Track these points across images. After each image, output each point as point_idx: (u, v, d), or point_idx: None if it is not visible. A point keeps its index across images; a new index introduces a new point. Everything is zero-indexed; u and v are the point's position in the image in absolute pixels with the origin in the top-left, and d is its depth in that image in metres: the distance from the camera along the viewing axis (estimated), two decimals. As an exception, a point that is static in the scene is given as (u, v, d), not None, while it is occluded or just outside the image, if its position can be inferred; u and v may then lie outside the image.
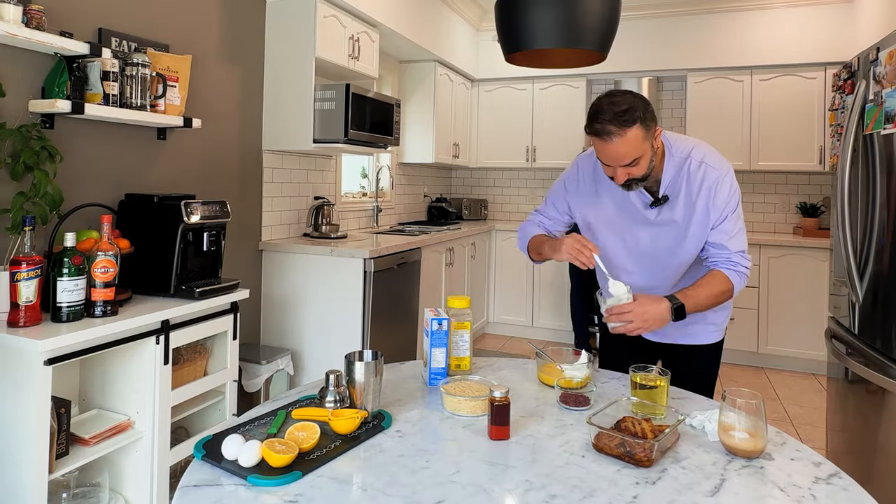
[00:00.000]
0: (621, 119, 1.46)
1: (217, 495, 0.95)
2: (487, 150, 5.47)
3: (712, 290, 1.59)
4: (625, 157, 1.50)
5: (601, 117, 1.48)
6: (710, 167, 1.62)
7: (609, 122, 1.47)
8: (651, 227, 1.68)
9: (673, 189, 1.63)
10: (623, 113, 1.46)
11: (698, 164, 1.62)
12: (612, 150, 1.50)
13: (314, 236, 3.44)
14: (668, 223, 1.66)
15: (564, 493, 0.98)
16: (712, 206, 1.61)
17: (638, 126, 1.47)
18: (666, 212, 1.65)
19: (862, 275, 2.17)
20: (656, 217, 1.66)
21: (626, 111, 1.46)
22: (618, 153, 1.50)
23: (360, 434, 1.17)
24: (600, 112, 1.49)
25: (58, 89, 1.99)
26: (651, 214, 1.66)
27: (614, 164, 1.53)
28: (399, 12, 3.92)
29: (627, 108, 1.47)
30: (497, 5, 2.01)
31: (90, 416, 1.99)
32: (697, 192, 1.61)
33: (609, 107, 1.48)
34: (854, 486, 1.03)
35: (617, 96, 1.50)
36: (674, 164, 1.62)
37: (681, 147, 1.64)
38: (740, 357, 4.51)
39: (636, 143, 1.48)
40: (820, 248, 4.24)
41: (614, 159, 1.51)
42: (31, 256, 1.71)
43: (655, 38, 4.88)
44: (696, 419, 1.26)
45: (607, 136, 1.48)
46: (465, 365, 1.56)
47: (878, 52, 2.08)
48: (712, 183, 1.60)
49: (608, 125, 1.47)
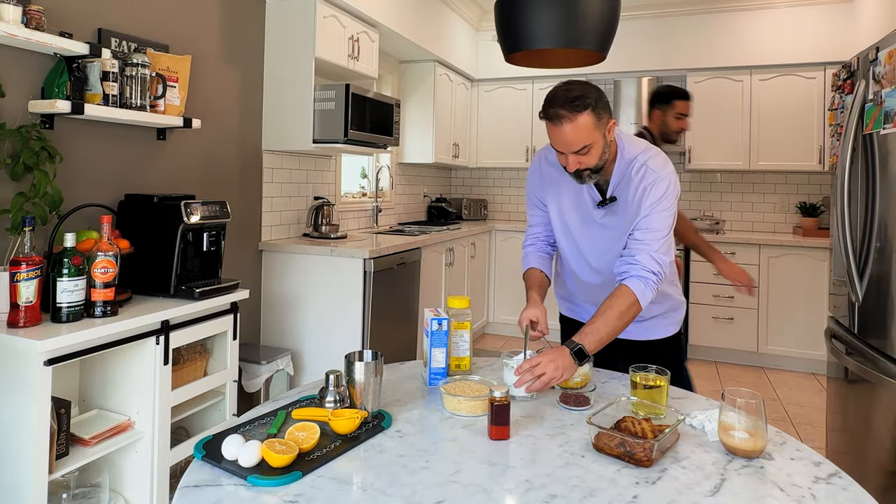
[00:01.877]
0: (573, 104, 1.49)
1: (217, 495, 0.95)
2: (487, 150, 5.47)
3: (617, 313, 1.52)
4: (574, 142, 1.52)
5: (554, 102, 1.52)
6: (650, 169, 1.62)
7: (560, 106, 1.50)
8: (595, 228, 1.72)
9: (619, 190, 1.66)
10: (574, 99, 1.50)
11: (640, 165, 1.63)
12: (562, 135, 1.52)
13: (314, 236, 3.44)
14: (609, 226, 1.69)
15: (564, 493, 0.98)
16: (645, 202, 1.60)
17: (588, 112, 1.50)
18: (610, 213, 1.68)
19: (862, 275, 2.17)
20: (601, 218, 1.69)
21: (577, 97, 1.50)
22: (567, 138, 1.52)
23: (360, 434, 1.17)
24: (554, 98, 1.53)
25: (57, 90, 1.99)
26: (597, 215, 1.70)
27: (566, 151, 1.55)
28: (399, 12, 3.92)
29: (579, 95, 1.50)
30: (497, 5, 2.01)
31: (90, 416, 1.99)
32: (635, 193, 1.62)
33: (563, 93, 1.52)
34: (854, 486, 1.03)
35: (573, 84, 1.54)
36: (622, 166, 1.65)
37: (631, 150, 1.66)
38: (740, 357, 4.51)
39: (586, 129, 1.51)
40: (820, 248, 4.24)
41: (565, 145, 1.54)
42: (31, 257, 1.71)
43: (655, 38, 4.88)
44: (696, 419, 1.26)
45: (558, 120, 1.51)
46: (465, 365, 1.56)
47: (878, 52, 2.09)
48: (648, 183, 1.60)
49: (559, 109, 1.50)
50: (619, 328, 1.53)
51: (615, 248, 1.68)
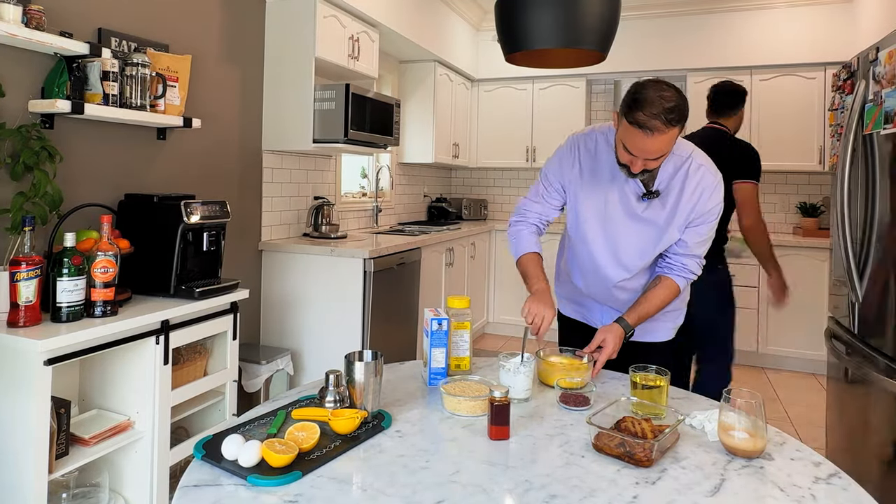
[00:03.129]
0: (669, 117, 1.41)
1: (217, 495, 0.95)
2: (487, 150, 5.47)
3: (660, 301, 1.68)
4: (657, 153, 1.47)
5: (649, 110, 1.41)
6: (709, 172, 1.62)
7: (656, 116, 1.41)
8: (635, 222, 1.67)
9: (667, 186, 1.63)
10: (672, 111, 1.41)
11: (698, 165, 1.62)
12: (649, 144, 1.45)
13: (314, 236, 3.44)
14: (651, 220, 1.65)
15: (564, 493, 0.98)
16: (699, 206, 1.61)
17: (679, 127, 1.45)
18: (654, 208, 1.64)
19: (862, 275, 2.17)
20: (643, 211, 1.65)
21: (674, 109, 1.42)
22: (653, 149, 1.46)
23: (359, 434, 1.17)
24: (649, 104, 1.42)
25: (57, 89, 1.99)
26: (640, 208, 1.65)
27: (642, 157, 1.49)
28: (399, 12, 3.91)
29: (675, 107, 1.42)
30: (497, 5, 2.01)
31: (90, 416, 1.99)
32: (691, 193, 1.61)
33: (659, 100, 1.41)
34: (854, 486, 1.03)
35: (666, 90, 1.44)
36: (673, 162, 1.62)
37: (682, 147, 1.63)
38: (740, 357, 4.51)
39: (671, 142, 1.47)
40: (820, 248, 4.24)
41: (646, 153, 1.47)
42: (31, 256, 1.71)
43: (655, 38, 4.88)
44: (696, 419, 1.26)
45: (650, 130, 1.42)
46: (464, 365, 1.56)
47: (878, 52, 2.08)
48: (708, 186, 1.61)
49: (655, 120, 1.41)
50: (657, 311, 1.69)
51: (651, 243, 1.67)
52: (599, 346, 1.60)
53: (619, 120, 1.52)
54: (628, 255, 1.70)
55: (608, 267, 1.73)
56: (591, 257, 1.75)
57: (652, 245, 1.67)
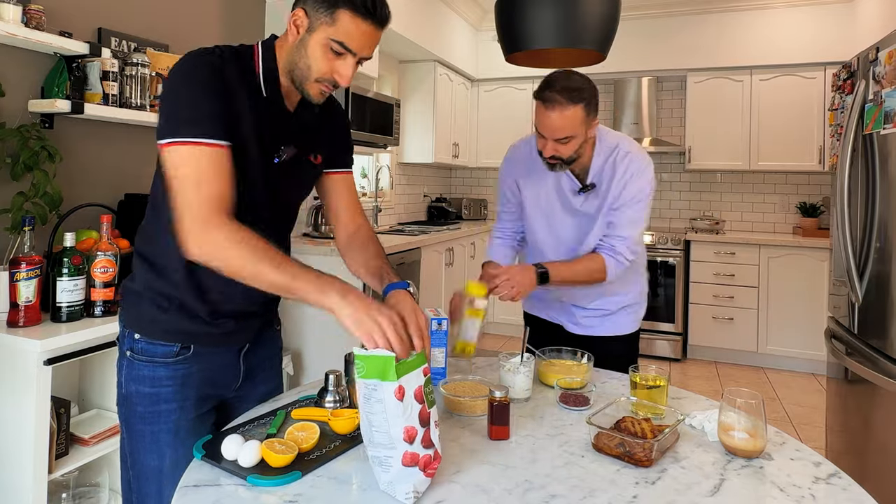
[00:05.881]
0: (570, 94, 1.53)
1: (217, 495, 0.95)
2: (487, 149, 5.47)
3: (583, 267, 1.70)
4: (560, 130, 1.56)
5: (553, 86, 1.54)
6: (634, 156, 1.70)
7: (558, 92, 1.53)
8: (574, 216, 1.75)
9: (599, 178, 1.71)
10: (573, 90, 1.54)
11: (625, 153, 1.70)
12: (551, 120, 1.56)
13: (314, 236, 3.44)
14: (587, 212, 1.73)
15: (564, 493, 0.97)
16: (625, 191, 1.68)
17: (582, 107, 1.55)
18: (591, 200, 1.72)
19: (862, 275, 2.17)
20: (581, 205, 1.73)
21: (576, 89, 1.54)
22: (555, 125, 1.56)
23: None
24: (553, 82, 1.55)
25: (57, 89, 1.99)
26: (577, 202, 1.74)
27: (549, 136, 1.59)
28: (399, 12, 3.91)
29: (578, 88, 1.54)
30: (497, 5, 2.01)
31: (90, 416, 1.99)
32: (619, 178, 1.68)
33: (563, 80, 1.55)
34: (854, 486, 1.03)
35: (574, 74, 1.58)
36: (602, 154, 1.70)
37: (610, 139, 1.72)
38: (740, 357, 4.51)
39: (574, 121, 1.55)
40: (820, 248, 4.24)
41: (550, 130, 1.57)
42: (31, 256, 1.71)
43: (655, 38, 4.88)
44: (696, 419, 1.26)
45: (551, 104, 1.54)
46: (469, 350, 1.58)
47: (878, 52, 2.08)
48: (635, 170, 1.68)
49: (556, 94, 1.53)
50: (579, 281, 1.70)
51: (595, 235, 1.74)
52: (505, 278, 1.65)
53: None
54: (568, 247, 1.79)
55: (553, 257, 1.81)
56: (540, 251, 1.85)
57: (588, 236, 1.75)
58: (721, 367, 4.43)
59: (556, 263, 1.70)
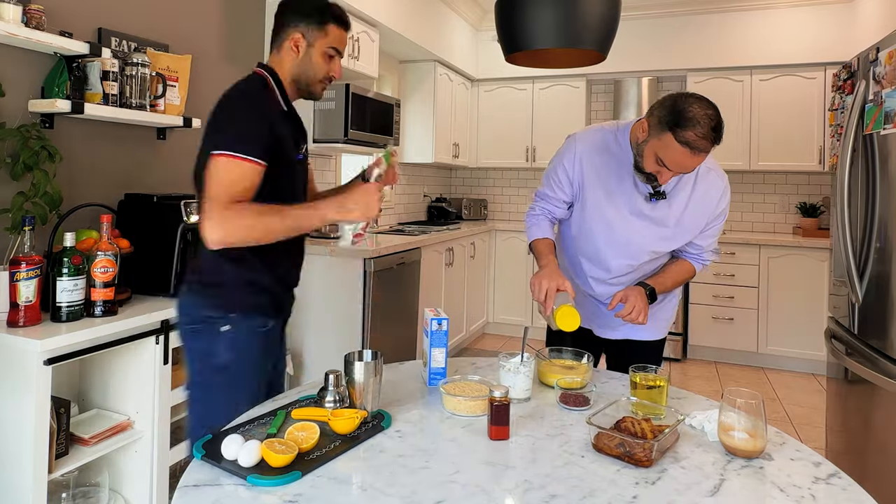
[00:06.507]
0: (715, 137, 1.43)
1: (216, 495, 0.95)
2: (487, 150, 5.47)
3: (678, 278, 1.78)
4: (695, 168, 1.51)
5: (699, 129, 1.41)
6: (718, 175, 1.69)
7: (705, 137, 1.41)
8: (642, 220, 1.71)
9: (676, 188, 1.66)
10: (717, 129, 1.43)
11: (707, 169, 1.67)
12: (691, 162, 1.46)
13: (314, 236, 3.44)
14: (660, 219, 1.70)
15: (564, 493, 0.97)
16: (712, 211, 1.68)
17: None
18: (662, 207, 1.69)
19: (862, 275, 2.17)
20: (651, 211, 1.69)
21: (718, 128, 1.43)
22: (694, 166, 1.49)
23: (359, 434, 1.17)
24: (698, 123, 1.41)
25: (57, 89, 1.99)
26: (647, 207, 1.69)
27: (677, 171, 1.50)
28: (399, 12, 3.91)
29: (719, 125, 1.43)
30: (497, 5, 2.01)
31: (90, 415, 1.99)
32: (701, 196, 1.66)
33: (706, 119, 1.41)
34: (854, 486, 1.03)
35: (709, 107, 1.44)
36: None
37: None
38: (740, 357, 4.51)
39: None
40: (820, 248, 4.24)
41: (686, 169, 1.50)
42: (31, 256, 1.71)
43: (655, 38, 4.88)
44: (696, 419, 1.26)
45: (699, 150, 1.43)
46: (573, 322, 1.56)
47: (878, 53, 2.08)
48: (718, 190, 1.68)
49: (704, 140, 1.42)
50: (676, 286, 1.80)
51: (657, 240, 1.71)
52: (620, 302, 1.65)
53: (658, 132, 1.49)
54: (633, 248, 1.74)
55: (611, 259, 1.76)
56: (594, 249, 1.78)
57: (657, 241, 1.71)
58: (721, 368, 4.43)
59: (657, 279, 1.73)
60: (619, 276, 1.78)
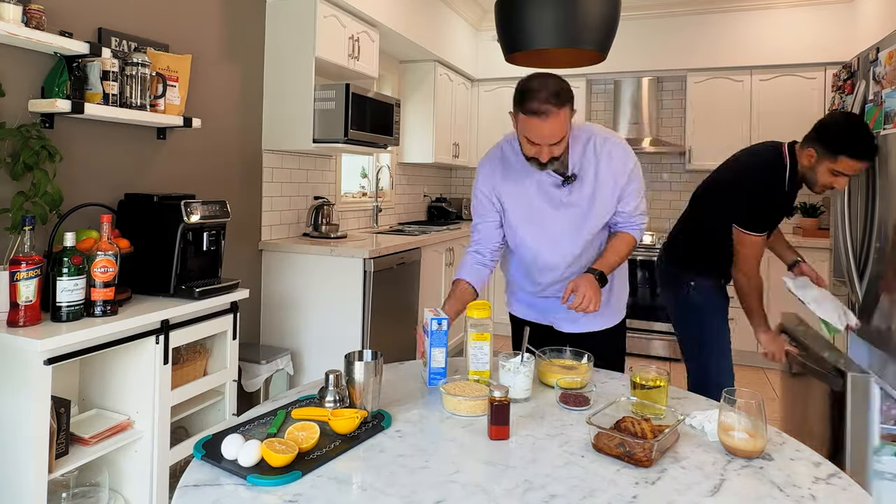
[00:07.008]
0: (558, 98, 1.55)
1: (216, 495, 0.95)
2: (487, 150, 5.46)
3: (621, 251, 1.79)
4: (555, 135, 1.58)
5: (539, 96, 1.54)
6: (614, 142, 1.75)
7: (546, 101, 1.54)
8: (563, 208, 1.76)
9: (580, 167, 1.73)
10: (559, 93, 1.55)
11: (604, 139, 1.74)
12: (546, 128, 1.56)
13: (314, 236, 3.44)
14: (577, 201, 1.75)
15: (564, 493, 0.98)
16: (622, 175, 1.73)
17: (568, 107, 1.58)
18: (576, 190, 1.74)
19: (862, 275, 2.17)
20: (567, 196, 1.74)
21: (560, 92, 1.56)
22: (551, 131, 1.57)
23: (359, 434, 1.17)
24: (537, 91, 1.55)
25: (57, 89, 1.99)
26: (562, 195, 1.75)
27: (544, 143, 1.59)
28: (399, 12, 3.91)
29: (561, 90, 1.56)
30: (497, 5, 2.01)
31: (90, 415, 1.99)
32: (606, 165, 1.72)
33: (544, 87, 1.55)
34: (854, 486, 1.03)
35: (548, 78, 1.58)
36: (579, 144, 1.73)
37: (581, 129, 1.76)
38: (740, 357, 4.50)
39: (565, 122, 1.59)
40: (820, 248, 4.24)
41: (546, 137, 1.58)
42: (31, 256, 1.71)
43: (655, 38, 4.88)
44: (696, 419, 1.26)
45: (544, 114, 1.54)
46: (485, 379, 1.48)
47: (878, 53, 2.08)
48: (620, 154, 1.73)
49: (545, 104, 1.54)
50: (622, 259, 1.80)
51: (582, 224, 1.75)
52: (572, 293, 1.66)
53: (516, 117, 1.63)
54: (564, 242, 1.78)
55: (551, 257, 1.81)
56: (533, 254, 1.83)
57: (583, 224, 1.76)
58: (721, 368, 4.42)
59: (601, 261, 1.75)
60: (564, 268, 1.82)
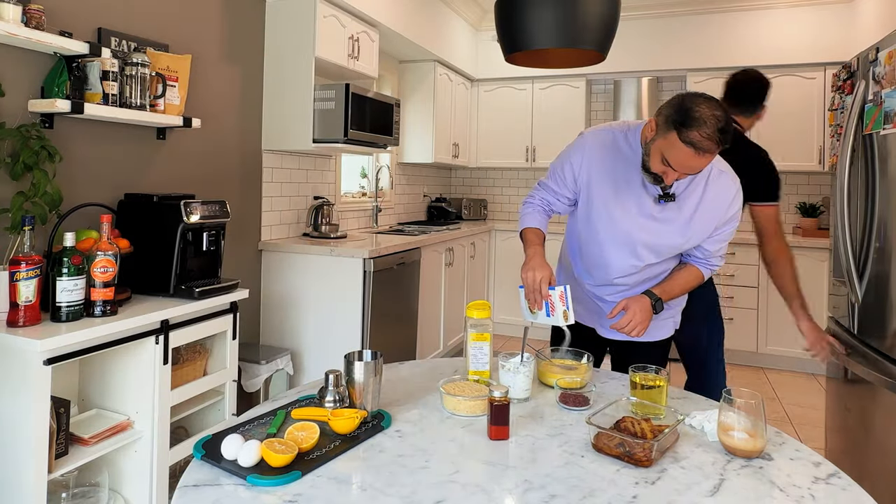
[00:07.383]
0: (721, 137, 1.39)
1: (216, 495, 0.95)
2: (487, 150, 5.47)
3: (686, 285, 1.75)
4: (701, 170, 1.47)
5: (704, 130, 1.38)
6: (730, 179, 1.65)
7: (710, 138, 1.38)
8: (650, 221, 1.66)
9: (686, 190, 1.62)
10: (724, 131, 1.39)
11: (720, 172, 1.64)
12: (697, 163, 1.43)
13: (314, 236, 3.44)
14: (667, 220, 1.65)
15: (564, 493, 0.98)
16: (723, 215, 1.64)
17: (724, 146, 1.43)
18: (671, 210, 1.64)
19: (861, 275, 2.17)
20: (660, 212, 1.65)
21: (725, 130, 1.39)
22: (699, 167, 1.45)
23: (359, 434, 1.17)
24: (704, 123, 1.38)
25: (57, 89, 1.99)
26: (656, 209, 1.65)
27: (682, 172, 1.48)
28: (399, 12, 3.91)
29: (727, 126, 1.40)
30: (497, 5, 2.01)
31: (89, 415, 1.99)
32: (711, 200, 1.62)
33: (713, 120, 1.38)
34: (853, 486, 1.03)
35: (717, 108, 1.40)
36: None
37: None
38: (740, 357, 4.51)
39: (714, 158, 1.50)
40: (819, 248, 4.24)
41: (691, 170, 1.47)
42: (31, 256, 1.71)
43: (655, 38, 4.88)
44: (696, 419, 1.26)
45: (704, 151, 1.40)
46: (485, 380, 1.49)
47: (878, 53, 2.08)
48: (730, 194, 1.64)
49: (709, 141, 1.39)
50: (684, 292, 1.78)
51: (665, 242, 1.67)
52: (623, 310, 1.64)
53: (665, 131, 1.46)
54: (637, 249, 1.69)
55: (616, 258, 1.72)
56: (600, 249, 1.74)
57: (664, 244, 1.68)
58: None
59: (663, 287, 1.71)
60: (621, 276, 1.74)
